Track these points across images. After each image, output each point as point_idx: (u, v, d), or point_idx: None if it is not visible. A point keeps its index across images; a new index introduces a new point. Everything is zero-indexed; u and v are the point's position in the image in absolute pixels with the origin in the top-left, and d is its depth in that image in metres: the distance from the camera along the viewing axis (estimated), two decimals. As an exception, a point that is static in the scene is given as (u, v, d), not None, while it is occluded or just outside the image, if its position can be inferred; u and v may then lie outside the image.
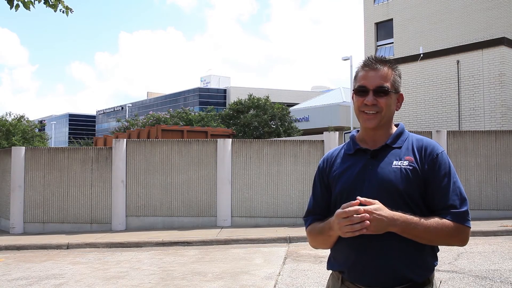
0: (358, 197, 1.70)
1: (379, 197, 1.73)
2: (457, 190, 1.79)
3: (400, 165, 1.81)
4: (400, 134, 1.91)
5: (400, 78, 1.94)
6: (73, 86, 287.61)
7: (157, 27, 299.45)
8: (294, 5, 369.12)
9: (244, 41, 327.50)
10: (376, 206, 1.67)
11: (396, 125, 1.96)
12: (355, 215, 1.64)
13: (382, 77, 1.86)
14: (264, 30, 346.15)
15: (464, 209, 1.77)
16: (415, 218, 1.71)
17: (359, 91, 1.87)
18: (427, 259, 1.80)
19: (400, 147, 1.87)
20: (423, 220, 1.72)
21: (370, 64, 1.88)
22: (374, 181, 1.80)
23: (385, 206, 1.70)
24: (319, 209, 1.97)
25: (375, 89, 1.84)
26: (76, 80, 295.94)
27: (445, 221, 1.73)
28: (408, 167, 1.80)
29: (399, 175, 1.79)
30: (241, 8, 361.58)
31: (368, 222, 1.64)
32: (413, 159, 1.82)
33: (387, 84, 1.85)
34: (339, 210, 1.70)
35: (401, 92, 1.95)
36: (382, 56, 1.96)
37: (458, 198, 1.78)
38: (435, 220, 1.73)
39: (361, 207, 1.66)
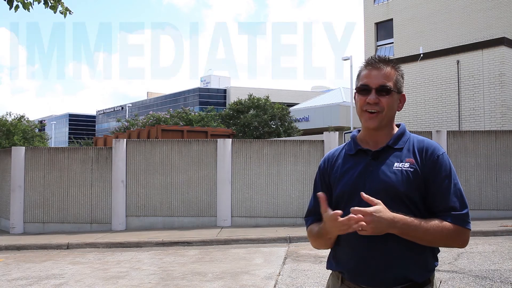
0: (363, 193, 1.69)
1: (379, 199, 1.73)
2: (457, 192, 1.78)
3: (401, 167, 1.80)
4: (401, 135, 1.90)
5: (402, 78, 1.93)
6: (72, 86, 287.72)
7: (156, 27, 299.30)
8: (291, 5, 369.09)
9: (243, 41, 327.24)
10: (377, 207, 1.66)
11: (398, 126, 1.96)
12: (352, 218, 1.64)
13: (385, 76, 1.85)
14: (263, 30, 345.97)
15: (464, 211, 1.76)
16: (415, 220, 1.71)
17: (362, 89, 1.87)
18: (427, 259, 1.80)
19: (401, 148, 1.86)
20: (423, 223, 1.72)
21: (373, 63, 1.88)
22: (374, 182, 1.80)
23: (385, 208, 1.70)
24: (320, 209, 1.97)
25: (378, 87, 1.83)
26: (74, 80, 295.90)
27: (446, 224, 1.73)
28: (409, 169, 1.79)
29: (400, 177, 1.78)
30: (239, 8, 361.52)
31: (364, 223, 1.64)
32: (413, 160, 1.81)
33: (390, 83, 1.85)
34: (327, 214, 1.72)
35: (403, 93, 1.94)
36: (385, 56, 1.95)
37: (459, 200, 1.77)
38: (435, 223, 1.73)
39: (357, 212, 1.66)
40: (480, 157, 11.21)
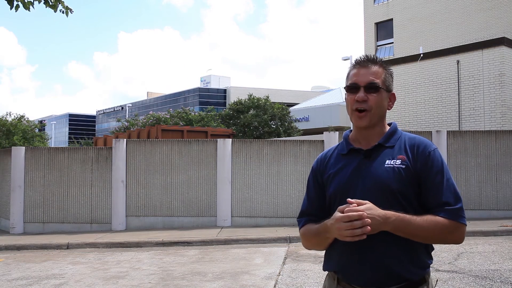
0: (349, 199, 1.70)
1: (373, 197, 1.74)
2: (450, 187, 1.78)
3: (392, 164, 1.81)
4: (392, 133, 1.91)
5: (391, 77, 1.94)
6: (71, 86, 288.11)
7: (154, 27, 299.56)
8: (289, 5, 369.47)
9: (242, 41, 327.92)
10: (367, 205, 1.67)
11: (389, 124, 1.96)
12: (355, 222, 1.63)
13: (373, 73, 1.86)
14: (261, 30, 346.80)
15: (458, 206, 1.76)
16: (407, 216, 1.71)
17: (351, 88, 1.88)
18: (421, 258, 1.80)
19: (393, 146, 1.87)
20: (416, 218, 1.71)
21: (362, 62, 1.90)
22: (367, 181, 1.81)
23: (379, 206, 1.70)
24: (314, 210, 1.97)
25: (366, 85, 1.85)
26: (74, 80, 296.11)
27: (440, 219, 1.73)
28: (401, 166, 1.80)
29: (391, 174, 1.79)
30: (237, 8, 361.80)
31: (369, 227, 1.63)
32: (405, 157, 1.82)
33: (378, 81, 1.86)
34: (339, 214, 1.68)
35: (393, 92, 1.95)
36: (374, 55, 1.95)
37: (452, 195, 1.77)
38: (429, 218, 1.73)
39: (362, 211, 1.64)
40: (480, 157, 11.21)
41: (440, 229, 1.72)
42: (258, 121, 29.72)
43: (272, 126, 30.31)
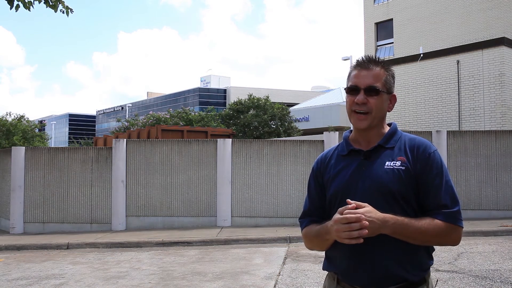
0: (348, 200, 1.70)
1: (373, 198, 1.74)
2: (449, 190, 1.78)
3: (392, 166, 1.81)
4: (392, 134, 1.91)
5: (393, 79, 1.93)
6: (70, 86, 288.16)
7: (153, 27, 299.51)
8: (288, 6, 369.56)
9: (241, 41, 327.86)
10: (367, 209, 1.67)
11: (389, 125, 1.96)
12: (353, 224, 1.64)
13: (374, 76, 1.85)
14: (260, 30, 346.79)
15: (455, 208, 1.77)
16: (406, 220, 1.71)
17: (351, 89, 1.88)
18: (421, 258, 1.80)
19: (393, 147, 1.86)
20: (414, 221, 1.72)
21: (363, 63, 1.88)
22: (367, 182, 1.81)
23: (379, 207, 1.70)
24: (315, 210, 1.98)
25: (366, 88, 1.84)
26: (73, 80, 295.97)
27: (437, 221, 1.73)
28: (401, 167, 1.80)
29: (391, 175, 1.79)
30: (236, 8, 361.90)
31: (366, 231, 1.63)
32: (405, 159, 1.82)
33: (379, 84, 1.85)
34: (337, 216, 1.68)
35: (394, 93, 1.94)
36: (376, 56, 1.95)
37: (450, 197, 1.77)
38: (426, 221, 1.73)
39: (360, 214, 1.64)
40: (480, 157, 11.21)
41: (437, 232, 1.73)
42: (258, 121, 29.72)
43: (272, 126, 30.29)
